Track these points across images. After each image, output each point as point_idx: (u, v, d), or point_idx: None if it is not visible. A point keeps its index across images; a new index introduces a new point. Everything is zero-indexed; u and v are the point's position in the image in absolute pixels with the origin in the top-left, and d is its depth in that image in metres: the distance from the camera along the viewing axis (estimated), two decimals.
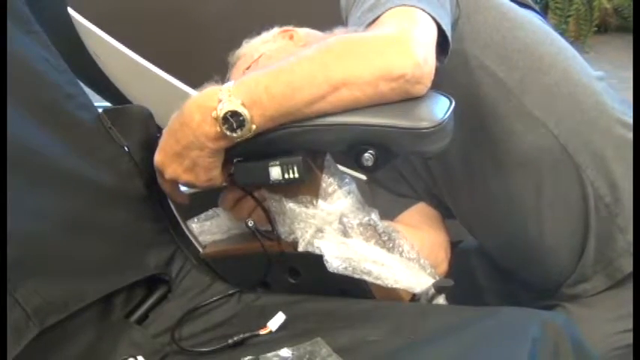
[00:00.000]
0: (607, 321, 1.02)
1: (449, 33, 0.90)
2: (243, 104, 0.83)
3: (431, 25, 0.87)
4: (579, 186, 1.01)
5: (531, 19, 1.08)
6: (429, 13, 0.87)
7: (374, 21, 0.88)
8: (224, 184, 0.94)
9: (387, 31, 0.85)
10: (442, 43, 0.90)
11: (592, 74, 1.08)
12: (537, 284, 1.13)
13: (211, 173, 0.90)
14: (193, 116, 0.86)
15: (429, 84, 0.83)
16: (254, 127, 0.84)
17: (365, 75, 0.82)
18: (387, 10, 0.87)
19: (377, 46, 0.83)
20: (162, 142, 0.91)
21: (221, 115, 0.83)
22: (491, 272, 1.25)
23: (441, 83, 0.87)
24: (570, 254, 1.05)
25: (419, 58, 0.81)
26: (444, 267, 1.13)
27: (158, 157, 0.92)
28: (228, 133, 0.84)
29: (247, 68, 1.12)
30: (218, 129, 0.84)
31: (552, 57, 1.05)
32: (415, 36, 0.83)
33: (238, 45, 1.18)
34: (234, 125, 0.83)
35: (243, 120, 0.83)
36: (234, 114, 0.83)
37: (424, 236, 1.12)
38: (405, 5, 0.87)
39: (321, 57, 0.84)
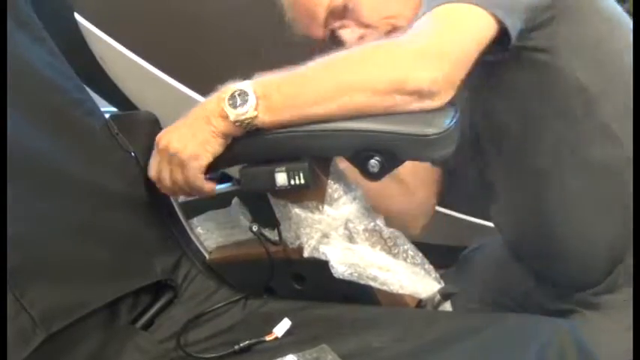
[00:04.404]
0: (626, 330, 1.00)
1: (513, 31, 0.88)
2: (254, 91, 0.85)
3: (481, 28, 0.86)
4: (632, 199, 0.98)
5: (625, 17, 1.03)
6: (492, 12, 0.85)
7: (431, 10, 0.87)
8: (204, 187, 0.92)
9: (417, 38, 0.84)
10: (505, 37, 0.88)
11: None
12: (560, 283, 1.10)
13: (201, 153, 0.88)
14: (212, 97, 0.88)
15: (447, 99, 0.83)
16: (257, 114, 0.84)
17: (377, 84, 0.82)
18: (442, 4, 0.86)
19: (397, 56, 0.83)
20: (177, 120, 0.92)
21: (229, 92, 0.85)
22: (500, 274, 1.24)
23: (521, 76, 0.88)
24: (605, 263, 1.03)
25: (439, 73, 0.80)
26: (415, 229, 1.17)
27: (164, 131, 0.92)
28: (229, 108, 0.85)
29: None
30: (223, 104, 0.85)
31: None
32: (446, 47, 0.82)
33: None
34: (237, 102, 0.85)
35: (247, 100, 0.84)
36: (242, 93, 0.85)
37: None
38: (463, 2, 0.86)
39: (334, 62, 0.85)
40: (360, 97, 0.82)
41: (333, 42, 1.07)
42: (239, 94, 0.85)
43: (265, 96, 0.85)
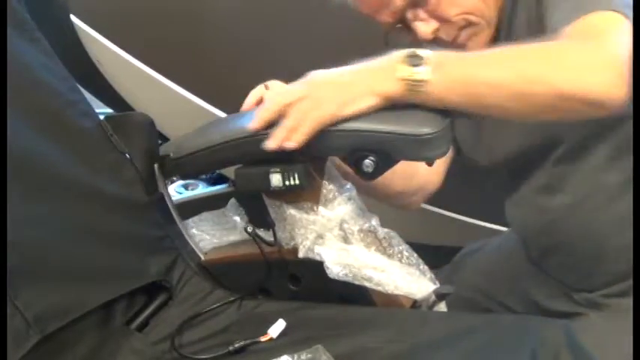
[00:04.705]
0: (627, 333, 0.99)
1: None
2: (430, 58, 0.81)
3: (630, 36, 0.83)
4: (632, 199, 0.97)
5: None
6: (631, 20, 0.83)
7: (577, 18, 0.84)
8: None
9: (601, 46, 0.81)
10: None
11: None
12: (569, 281, 1.09)
13: (346, 104, 0.83)
14: (382, 58, 0.85)
15: (612, 113, 0.80)
16: (429, 79, 0.81)
17: (563, 86, 0.79)
18: (594, 12, 0.84)
19: (587, 63, 0.80)
20: None
21: (404, 53, 0.82)
22: (500, 276, 1.23)
23: None
24: (625, 264, 1.01)
25: (618, 90, 0.78)
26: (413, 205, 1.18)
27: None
28: (402, 66, 0.81)
29: None
30: (395, 62, 0.82)
31: None
32: (622, 62, 0.80)
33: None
34: (412, 62, 0.81)
35: (421, 64, 0.81)
36: (416, 56, 0.81)
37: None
38: (614, 11, 0.83)
39: (521, 53, 0.82)
40: (540, 95, 0.79)
41: (400, 30, 1.04)
42: (413, 56, 0.81)
43: (441, 65, 0.81)
